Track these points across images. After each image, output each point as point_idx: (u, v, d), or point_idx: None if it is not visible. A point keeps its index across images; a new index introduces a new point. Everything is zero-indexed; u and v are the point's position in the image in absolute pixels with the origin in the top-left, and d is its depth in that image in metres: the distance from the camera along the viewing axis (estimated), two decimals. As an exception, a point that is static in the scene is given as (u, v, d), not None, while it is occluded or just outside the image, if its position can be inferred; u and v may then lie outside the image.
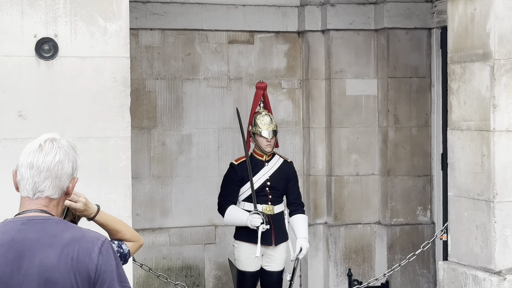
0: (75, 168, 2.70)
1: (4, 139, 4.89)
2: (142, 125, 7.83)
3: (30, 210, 2.66)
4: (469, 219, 5.18)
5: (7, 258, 2.55)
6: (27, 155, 2.71)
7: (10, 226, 2.64)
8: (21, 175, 2.72)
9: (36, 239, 2.57)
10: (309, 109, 8.19)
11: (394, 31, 7.97)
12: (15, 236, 2.59)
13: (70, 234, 2.59)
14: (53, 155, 2.67)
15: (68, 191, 2.70)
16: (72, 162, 2.69)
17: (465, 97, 5.23)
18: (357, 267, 8.09)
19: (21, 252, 2.56)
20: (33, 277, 2.54)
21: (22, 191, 2.72)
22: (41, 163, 2.66)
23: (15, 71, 4.89)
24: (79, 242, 2.57)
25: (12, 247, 2.57)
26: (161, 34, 7.90)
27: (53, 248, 2.56)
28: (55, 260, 2.54)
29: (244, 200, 6.53)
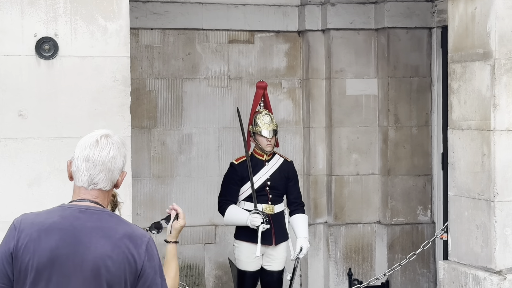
0: (124, 163, 2.91)
1: (4, 139, 4.89)
2: (142, 124, 7.83)
3: (85, 200, 2.85)
4: (469, 218, 5.18)
5: (65, 241, 2.75)
6: (84, 149, 2.89)
7: (68, 212, 2.83)
8: (77, 166, 2.88)
9: (93, 228, 2.78)
10: (310, 109, 8.19)
11: (394, 31, 7.96)
12: (74, 223, 2.79)
13: (123, 229, 2.82)
14: (107, 151, 2.87)
15: (118, 184, 2.91)
16: (123, 158, 2.90)
17: (466, 96, 5.23)
18: (357, 266, 8.09)
19: (78, 238, 2.76)
20: (88, 263, 2.74)
21: (77, 181, 2.88)
22: (97, 157, 2.85)
23: (15, 70, 4.89)
24: (130, 237, 2.80)
25: (70, 232, 2.77)
26: (161, 33, 7.90)
27: (108, 239, 2.77)
28: (110, 250, 2.75)
29: (244, 200, 6.53)
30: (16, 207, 4.91)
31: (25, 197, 4.92)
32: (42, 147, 4.93)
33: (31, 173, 4.93)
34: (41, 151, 4.94)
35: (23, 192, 4.92)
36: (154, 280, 2.82)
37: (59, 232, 2.77)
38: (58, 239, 2.76)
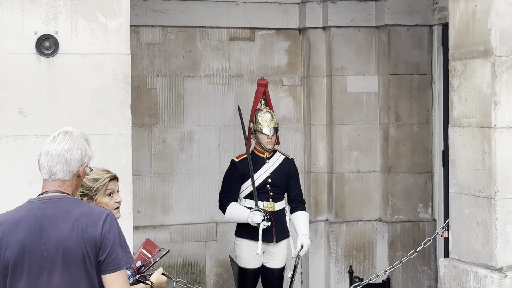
0: (84, 154, 3.22)
1: (4, 136, 4.89)
2: (143, 122, 7.82)
3: (49, 191, 3.21)
4: (470, 216, 5.18)
5: (30, 231, 3.09)
6: (45, 145, 3.25)
7: (33, 205, 3.19)
8: (41, 161, 3.27)
9: (53, 216, 3.11)
10: (310, 106, 8.19)
11: (395, 28, 7.96)
12: (37, 213, 3.13)
13: (80, 210, 3.13)
14: (63, 144, 3.20)
15: (79, 174, 3.23)
16: (81, 150, 3.22)
17: (466, 94, 5.22)
18: (358, 264, 8.09)
19: (41, 226, 3.10)
20: (52, 247, 3.07)
21: (42, 175, 3.27)
22: (54, 150, 3.21)
23: (15, 68, 4.89)
24: (87, 216, 3.11)
25: (34, 222, 3.11)
26: (162, 31, 7.89)
27: (67, 222, 3.09)
28: (68, 232, 3.08)
29: (245, 197, 6.53)
30: (16, 204, 4.90)
31: (26, 195, 4.88)
32: (42, 145, 4.93)
33: (31, 170, 4.93)
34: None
35: (23, 190, 4.91)
36: (114, 249, 3.09)
37: (25, 225, 3.11)
38: (24, 231, 3.10)
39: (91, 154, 3.28)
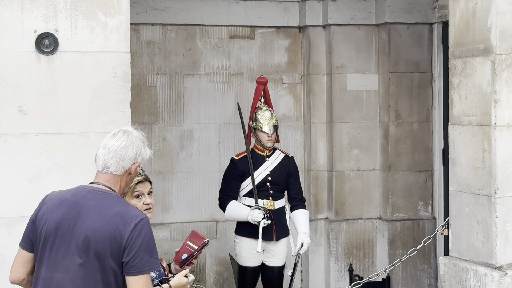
0: (139, 154, 3.42)
1: (4, 134, 4.89)
2: (143, 120, 7.82)
3: (98, 182, 3.38)
4: (470, 214, 5.18)
5: (68, 214, 3.30)
6: (105, 140, 3.43)
7: (80, 190, 3.39)
8: (97, 154, 3.41)
9: (92, 206, 3.29)
10: (310, 104, 8.18)
11: (395, 26, 7.95)
12: (80, 200, 3.32)
13: (117, 208, 3.29)
14: (121, 141, 3.40)
15: (131, 171, 3.41)
16: (137, 149, 3.41)
17: (466, 92, 5.22)
18: (358, 262, 8.09)
19: (79, 213, 3.29)
20: (81, 234, 3.25)
21: (97, 167, 3.41)
22: (111, 146, 3.39)
23: (15, 66, 4.89)
24: (121, 216, 3.26)
25: (74, 207, 3.31)
26: (162, 29, 7.89)
27: (102, 216, 3.26)
28: (100, 226, 3.24)
29: (245, 195, 6.53)
30: (16, 203, 4.92)
31: (25, 193, 4.92)
32: (42, 143, 4.93)
33: (31, 168, 4.93)
34: (42, 147, 4.94)
35: (23, 188, 4.92)
36: (138, 254, 3.22)
37: (67, 207, 3.32)
38: (64, 212, 3.31)
39: (146, 156, 3.47)
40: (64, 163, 4.95)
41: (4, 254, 4.90)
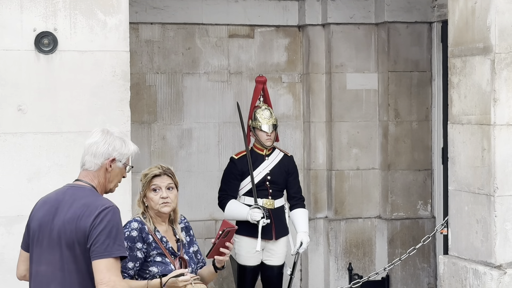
0: (112, 150, 3.58)
1: (3, 134, 4.89)
2: (143, 119, 7.82)
3: (79, 179, 3.59)
4: (469, 213, 5.18)
5: (49, 211, 3.51)
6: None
7: (62, 188, 3.60)
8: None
9: (67, 201, 3.49)
10: (310, 103, 8.18)
11: (394, 25, 7.95)
12: (59, 197, 3.54)
13: (85, 200, 3.46)
14: (92, 139, 3.60)
15: (106, 167, 3.57)
16: (109, 145, 3.58)
17: (466, 91, 5.22)
18: (357, 261, 8.09)
19: (56, 209, 3.50)
20: (56, 228, 3.46)
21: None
22: (86, 143, 3.62)
23: (14, 65, 4.89)
24: (87, 207, 3.43)
25: (54, 204, 3.52)
26: (161, 28, 7.88)
27: (72, 209, 3.45)
28: (69, 217, 3.43)
29: (244, 195, 6.52)
30: (15, 202, 4.92)
31: (24, 192, 4.92)
32: (41, 142, 4.93)
33: (30, 168, 4.93)
34: (41, 146, 4.94)
35: (22, 187, 4.92)
36: (99, 239, 3.37)
37: (48, 204, 3.54)
38: (46, 209, 3.53)
39: (126, 152, 3.64)
40: (64, 162, 4.95)
41: (3, 253, 4.91)
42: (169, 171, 4.11)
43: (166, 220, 4.14)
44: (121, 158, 3.62)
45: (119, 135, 3.66)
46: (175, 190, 4.10)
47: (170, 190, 4.08)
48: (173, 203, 4.10)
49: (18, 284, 4.89)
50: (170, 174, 4.10)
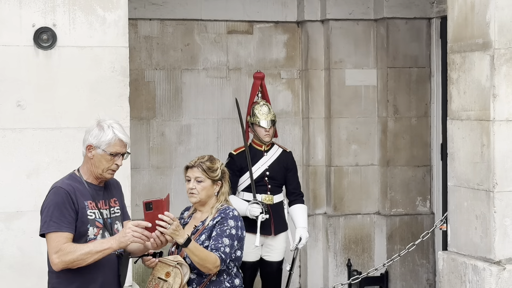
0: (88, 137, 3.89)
1: (2, 129, 4.89)
2: (141, 115, 7.81)
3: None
4: (468, 209, 5.18)
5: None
6: None
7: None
8: None
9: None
10: (309, 100, 8.18)
11: (393, 21, 7.94)
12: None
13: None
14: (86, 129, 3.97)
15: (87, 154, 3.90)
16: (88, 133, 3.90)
17: (465, 86, 5.22)
18: (356, 257, 8.09)
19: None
20: None
21: None
22: None
23: (13, 60, 4.89)
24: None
25: None
26: (160, 24, 7.88)
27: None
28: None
29: (243, 190, 6.53)
30: (15, 197, 4.92)
31: (23, 188, 4.92)
32: (40, 138, 4.93)
33: (29, 163, 4.93)
34: (40, 142, 4.93)
35: (22, 183, 4.92)
36: (41, 217, 3.85)
37: None
38: None
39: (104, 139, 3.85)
40: (63, 158, 4.95)
41: (2, 249, 4.91)
42: (203, 164, 4.21)
43: (205, 207, 4.34)
44: (99, 144, 3.86)
45: (102, 124, 3.89)
46: (204, 183, 4.31)
47: (198, 182, 4.22)
48: (200, 194, 4.26)
49: (17, 280, 4.90)
50: (202, 168, 4.19)
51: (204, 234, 4.22)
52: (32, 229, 4.92)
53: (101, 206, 3.93)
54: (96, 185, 3.94)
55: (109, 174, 3.91)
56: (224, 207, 4.30)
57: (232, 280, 4.24)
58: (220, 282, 4.18)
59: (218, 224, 4.22)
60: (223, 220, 4.22)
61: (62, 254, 3.73)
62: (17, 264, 4.90)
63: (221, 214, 4.25)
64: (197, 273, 4.14)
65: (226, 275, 4.23)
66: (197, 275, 4.15)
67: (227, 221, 4.22)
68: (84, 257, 3.74)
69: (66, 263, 3.73)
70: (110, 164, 3.87)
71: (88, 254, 3.74)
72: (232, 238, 4.20)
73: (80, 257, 3.74)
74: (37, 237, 4.90)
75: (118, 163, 3.90)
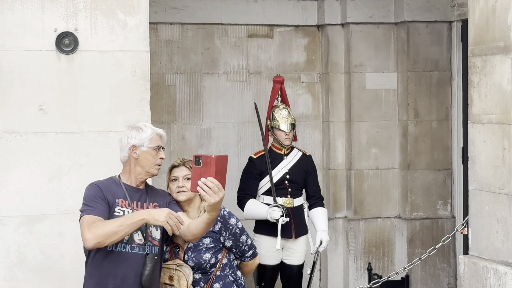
0: (129, 139, 4.09)
1: (25, 133, 4.92)
2: (162, 119, 7.84)
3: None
4: (490, 213, 5.15)
5: None
6: None
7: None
8: None
9: None
10: (329, 103, 8.18)
11: (414, 24, 7.93)
12: None
13: None
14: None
15: (132, 156, 4.10)
16: (126, 137, 4.10)
17: (486, 90, 5.19)
18: (377, 261, 8.07)
19: None
20: None
21: None
22: None
23: (35, 65, 4.92)
24: None
25: None
26: (181, 28, 7.91)
27: None
28: None
29: (263, 194, 6.53)
30: (37, 201, 4.95)
31: (45, 191, 4.95)
32: (62, 142, 4.96)
33: (51, 167, 4.96)
34: (62, 146, 4.96)
35: (43, 186, 4.95)
36: None
37: None
38: None
39: (145, 136, 4.06)
40: (84, 161, 4.98)
41: (25, 252, 4.94)
42: (187, 163, 4.25)
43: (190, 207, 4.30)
44: (141, 143, 4.06)
45: (137, 125, 4.14)
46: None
47: (187, 180, 4.19)
48: (189, 192, 4.25)
49: (39, 283, 4.94)
50: (189, 166, 4.22)
51: (208, 237, 4.24)
52: (54, 232, 4.96)
53: (134, 206, 3.99)
54: (134, 187, 4.10)
55: (156, 170, 4.12)
56: None
57: (235, 273, 4.29)
58: (225, 277, 4.23)
59: (223, 230, 4.25)
60: (225, 224, 4.27)
61: (94, 228, 3.81)
62: (39, 267, 4.93)
63: (218, 218, 4.26)
64: (202, 272, 4.17)
65: (229, 268, 4.27)
66: (202, 274, 4.18)
67: (229, 222, 4.28)
68: (116, 229, 3.80)
69: (98, 237, 3.80)
70: (155, 159, 4.08)
71: (120, 227, 3.80)
72: (243, 231, 4.36)
73: (112, 229, 3.80)
74: (59, 241, 4.95)
75: (162, 157, 4.11)
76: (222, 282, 4.22)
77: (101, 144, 4.99)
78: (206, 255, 4.19)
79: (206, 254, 4.19)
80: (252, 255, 4.36)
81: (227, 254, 4.27)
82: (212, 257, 4.19)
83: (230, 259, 4.30)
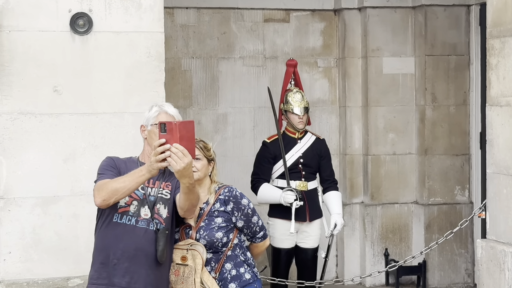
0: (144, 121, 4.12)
1: (40, 114, 4.92)
2: (178, 104, 7.80)
3: None
4: (508, 196, 5.10)
5: None
6: None
7: None
8: None
9: None
10: (346, 88, 8.13)
11: (432, 8, 7.86)
12: None
13: None
14: None
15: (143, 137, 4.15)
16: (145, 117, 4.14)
17: (505, 72, 5.13)
18: (394, 247, 8.03)
19: None
20: None
21: None
22: None
23: (50, 46, 4.91)
24: None
25: None
26: (197, 12, 7.88)
27: None
28: None
29: (277, 178, 6.50)
30: (51, 182, 4.95)
31: (60, 173, 4.95)
32: (77, 123, 4.95)
33: (66, 148, 4.96)
34: (76, 127, 4.96)
35: (58, 168, 4.95)
36: None
37: None
38: None
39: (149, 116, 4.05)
40: (99, 143, 4.97)
41: (40, 233, 4.94)
42: (198, 143, 4.25)
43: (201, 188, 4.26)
44: (147, 122, 4.08)
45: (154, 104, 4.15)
46: (202, 161, 4.31)
47: (197, 160, 4.24)
48: (200, 171, 4.24)
49: (53, 264, 4.94)
50: (199, 146, 4.25)
51: (220, 217, 4.22)
52: (68, 213, 4.96)
53: (146, 183, 3.98)
54: None
55: None
56: (226, 188, 4.31)
57: (244, 253, 4.28)
58: (235, 256, 4.22)
59: (235, 211, 4.23)
60: (237, 204, 4.24)
61: (100, 188, 3.89)
62: (53, 248, 4.93)
63: (231, 198, 4.25)
64: (213, 251, 4.16)
65: (240, 249, 4.26)
66: (213, 253, 4.17)
67: (241, 202, 4.25)
68: (119, 185, 3.85)
69: (104, 195, 3.86)
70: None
71: (123, 183, 3.84)
72: (255, 212, 4.32)
73: (116, 185, 3.85)
74: (74, 222, 4.95)
75: None
76: (233, 261, 4.21)
77: (115, 126, 4.97)
78: (218, 233, 4.18)
79: (218, 232, 4.18)
80: (263, 237, 4.34)
81: (238, 235, 4.26)
82: (224, 236, 4.18)
83: (241, 239, 4.29)
